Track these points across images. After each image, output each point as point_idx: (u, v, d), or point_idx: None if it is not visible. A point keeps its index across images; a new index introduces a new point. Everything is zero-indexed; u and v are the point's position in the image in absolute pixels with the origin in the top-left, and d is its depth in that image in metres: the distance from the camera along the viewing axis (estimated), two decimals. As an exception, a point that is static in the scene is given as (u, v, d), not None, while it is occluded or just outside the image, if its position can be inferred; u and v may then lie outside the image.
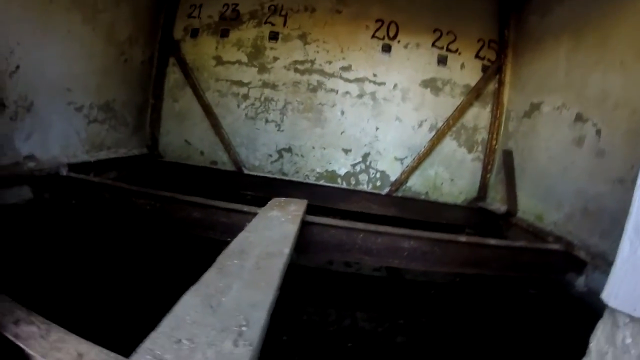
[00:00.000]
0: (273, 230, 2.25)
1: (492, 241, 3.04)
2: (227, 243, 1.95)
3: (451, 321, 2.82)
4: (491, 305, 2.97)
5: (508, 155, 4.44)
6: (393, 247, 2.89)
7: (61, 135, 3.51)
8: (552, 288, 3.08)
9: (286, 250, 1.93)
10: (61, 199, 3.22)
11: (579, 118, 3.43)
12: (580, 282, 2.92)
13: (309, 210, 3.03)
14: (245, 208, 2.88)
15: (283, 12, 4.78)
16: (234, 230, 2.54)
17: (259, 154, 4.95)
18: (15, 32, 2.85)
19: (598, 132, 3.14)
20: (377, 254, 2.89)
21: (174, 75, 5.00)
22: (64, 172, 3.28)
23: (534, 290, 3.15)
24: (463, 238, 3.04)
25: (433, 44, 4.73)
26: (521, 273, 3.11)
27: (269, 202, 2.96)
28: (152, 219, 3.02)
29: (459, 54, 4.74)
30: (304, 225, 2.67)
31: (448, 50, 4.73)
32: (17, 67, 2.90)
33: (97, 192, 3.22)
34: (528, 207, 4.08)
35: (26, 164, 3.06)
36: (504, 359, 2.43)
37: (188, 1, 4.95)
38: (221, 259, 1.71)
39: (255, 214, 2.68)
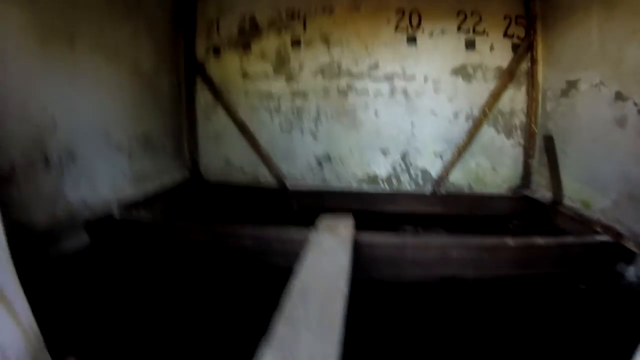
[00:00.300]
0: (328, 263, 2.35)
1: (540, 241, 3.04)
2: (282, 268, 2.14)
3: (503, 324, 2.86)
4: (544, 303, 2.98)
5: (549, 141, 4.34)
6: (442, 257, 2.96)
7: (107, 177, 3.71)
8: (603, 280, 3.06)
9: (344, 286, 2.03)
10: (118, 239, 3.41)
11: (618, 96, 3.32)
12: (631, 272, 2.93)
13: (357, 217, 3.20)
14: (296, 234, 3.00)
15: (301, 17, 4.78)
16: (289, 254, 2.75)
17: (300, 166, 5.05)
18: (44, 87, 3.01)
19: (640, 111, 3.05)
20: (428, 265, 2.97)
21: (203, 96, 5.11)
22: (116, 213, 3.50)
23: (584, 286, 3.14)
24: (511, 241, 3.03)
25: (459, 28, 4.62)
26: (571, 268, 3.11)
27: (318, 224, 3.07)
28: (209, 251, 3.20)
29: (487, 35, 4.62)
30: (355, 245, 2.76)
31: (475, 32, 4.62)
32: (54, 120, 3.08)
33: (152, 231, 3.42)
34: (574, 192, 4.02)
35: (80, 212, 3.29)
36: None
37: (205, 18, 5.00)
38: (286, 305, 1.82)
39: (306, 239, 2.80)
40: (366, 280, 2.84)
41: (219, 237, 3.17)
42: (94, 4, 3.53)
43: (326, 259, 2.41)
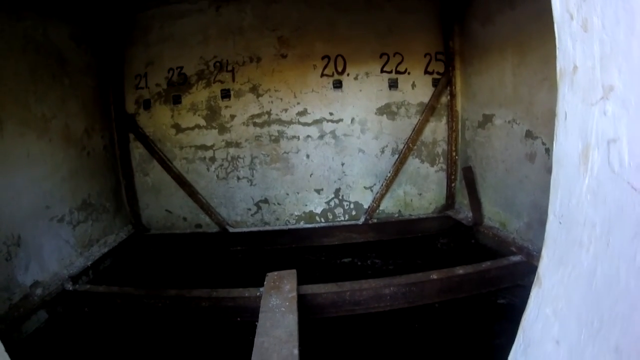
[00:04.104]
0: (280, 328, 3.08)
1: (460, 270, 3.93)
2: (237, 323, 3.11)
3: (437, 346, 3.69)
4: (470, 320, 3.84)
5: (468, 172, 5.34)
6: (377, 295, 3.78)
7: (54, 251, 4.20)
8: (518, 294, 3.94)
9: (295, 351, 2.81)
10: (74, 311, 3.96)
11: (529, 135, 4.13)
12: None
13: (296, 254, 4.14)
14: (246, 292, 3.72)
15: (229, 68, 5.39)
16: (240, 310, 3.62)
17: (239, 210, 5.72)
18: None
19: (547, 150, 3.83)
20: (365, 303, 3.77)
21: (137, 150, 5.61)
22: (69, 286, 4.03)
23: (503, 300, 4.08)
24: (434, 275, 3.89)
25: (382, 70, 5.46)
26: (490, 288, 4.03)
27: (265, 282, 3.70)
28: (165, 314, 3.79)
29: (408, 73, 5.49)
30: (300, 298, 3.48)
31: (397, 72, 5.48)
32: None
33: (107, 300, 3.98)
34: (493, 213, 4.98)
35: (34, 293, 3.79)
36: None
37: (132, 72, 5.47)
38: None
39: (255, 296, 3.56)
40: (311, 320, 3.62)
41: (174, 300, 3.79)
42: (17, 80, 3.88)
43: (277, 325, 3.06)
